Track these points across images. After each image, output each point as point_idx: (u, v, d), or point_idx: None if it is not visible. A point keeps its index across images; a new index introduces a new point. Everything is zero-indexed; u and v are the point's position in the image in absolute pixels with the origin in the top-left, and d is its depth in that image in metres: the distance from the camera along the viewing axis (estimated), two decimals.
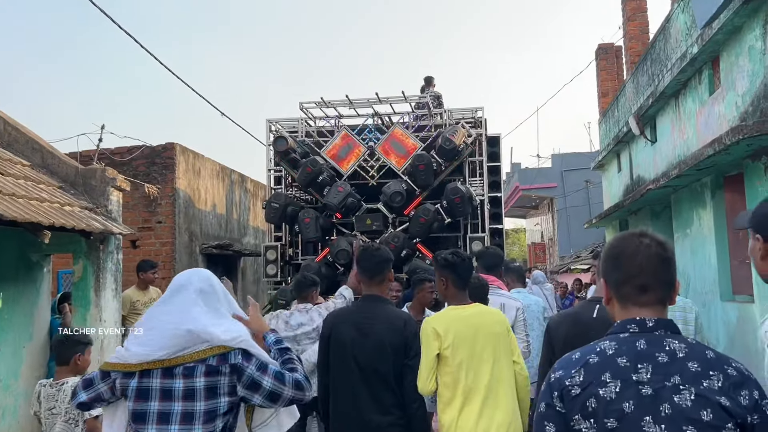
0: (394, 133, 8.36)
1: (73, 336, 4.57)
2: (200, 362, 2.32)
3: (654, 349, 1.61)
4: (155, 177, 9.85)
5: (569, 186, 23.49)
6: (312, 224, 8.01)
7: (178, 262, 9.82)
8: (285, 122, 9.26)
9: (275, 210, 8.22)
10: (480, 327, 3.39)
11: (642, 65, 9.52)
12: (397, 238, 7.94)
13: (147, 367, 2.34)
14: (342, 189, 8.01)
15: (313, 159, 8.20)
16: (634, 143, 10.27)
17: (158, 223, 9.78)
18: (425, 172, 8.02)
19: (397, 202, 8.02)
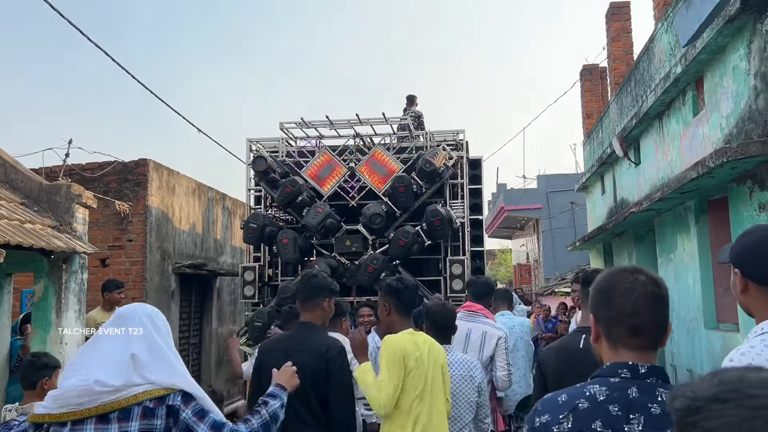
0: (375, 154, 8.31)
1: (40, 359, 4.42)
2: (137, 405, 2.20)
3: (646, 398, 1.53)
4: (127, 194, 9.55)
5: (555, 207, 23.37)
6: (290, 245, 7.89)
7: (149, 282, 9.51)
8: (266, 141, 9.16)
9: (253, 230, 8.11)
10: (432, 357, 3.40)
11: (626, 86, 9.39)
12: (376, 260, 7.85)
13: (74, 417, 2.20)
14: (321, 210, 7.93)
15: (293, 179, 8.12)
16: (618, 165, 10.12)
17: (129, 241, 9.47)
18: (405, 194, 7.98)
19: (377, 223, 7.95)
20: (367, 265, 7.88)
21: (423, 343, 3.44)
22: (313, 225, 7.92)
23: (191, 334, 11.28)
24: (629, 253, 9.62)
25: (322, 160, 8.41)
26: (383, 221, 8.01)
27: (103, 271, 9.39)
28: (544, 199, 23.65)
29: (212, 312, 11.88)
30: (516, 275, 27.80)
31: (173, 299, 10.35)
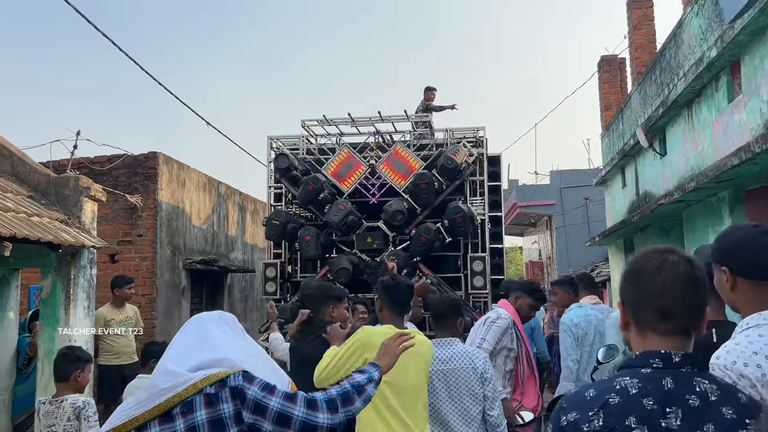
0: (396, 151, 8.31)
1: (74, 352, 4.49)
2: (197, 394, 2.04)
3: (683, 390, 1.45)
4: (136, 188, 9.32)
5: (568, 203, 23.03)
6: (312, 242, 7.90)
7: (159, 278, 9.27)
8: (286, 139, 9.13)
9: (275, 227, 8.09)
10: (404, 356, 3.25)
11: (650, 75, 9.08)
12: (397, 256, 7.71)
13: (137, 423, 2.07)
14: (343, 207, 7.94)
15: (315, 176, 8.13)
16: (641, 157, 9.81)
17: (139, 236, 9.24)
18: (427, 191, 7.99)
19: (399, 220, 7.95)
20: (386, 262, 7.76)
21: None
22: (335, 222, 7.90)
23: None
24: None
25: (343, 158, 8.40)
26: (404, 218, 8.01)
27: (113, 267, 9.16)
28: (558, 195, 23.31)
29: (223, 309, 11.62)
30: (528, 273, 27.47)
31: (184, 296, 10.11)
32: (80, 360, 4.30)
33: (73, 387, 4.10)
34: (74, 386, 4.09)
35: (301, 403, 2.09)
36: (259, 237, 13.79)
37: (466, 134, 9.00)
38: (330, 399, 2.18)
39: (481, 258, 8.29)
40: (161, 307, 9.29)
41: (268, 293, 8.55)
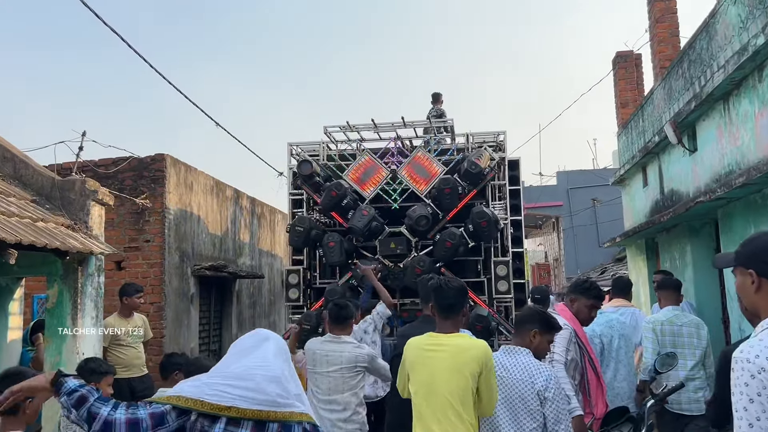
0: (417, 156, 8.31)
1: (88, 364, 4.39)
2: (298, 424, 2.19)
3: None
4: (143, 191, 8.93)
5: (575, 204, 22.69)
6: (337, 248, 7.88)
7: (167, 285, 8.89)
8: (305, 145, 9.11)
9: (300, 233, 8.06)
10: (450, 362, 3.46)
11: (676, 69, 8.73)
12: (423, 261, 7.83)
13: (237, 415, 2.12)
14: (366, 213, 7.95)
15: (338, 183, 8.14)
16: (666, 154, 9.45)
17: (146, 242, 8.85)
18: (451, 196, 7.99)
19: (423, 225, 7.93)
20: (413, 267, 7.81)
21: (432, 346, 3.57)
22: (359, 227, 7.86)
23: (211, 340, 10.66)
24: (682, 248, 8.95)
25: (364, 163, 8.39)
26: (429, 223, 7.99)
27: (119, 274, 8.79)
28: (565, 196, 22.97)
29: (232, 317, 11.26)
30: (534, 275, 27.11)
31: (192, 304, 9.73)
32: (94, 372, 4.14)
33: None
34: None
35: None
36: (266, 241, 13.42)
37: (485, 138, 8.98)
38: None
39: (504, 262, 8.28)
40: (170, 315, 8.90)
41: (291, 300, 8.42)
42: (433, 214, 8.14)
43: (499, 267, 8.23)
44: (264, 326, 13.10)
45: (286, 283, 8.50)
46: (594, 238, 22.93)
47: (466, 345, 3.53)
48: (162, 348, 8.62)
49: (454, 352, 3.50)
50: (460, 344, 3.54)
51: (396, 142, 8.83)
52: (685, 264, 8.99)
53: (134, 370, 7.29)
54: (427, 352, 3.56)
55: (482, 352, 3.47)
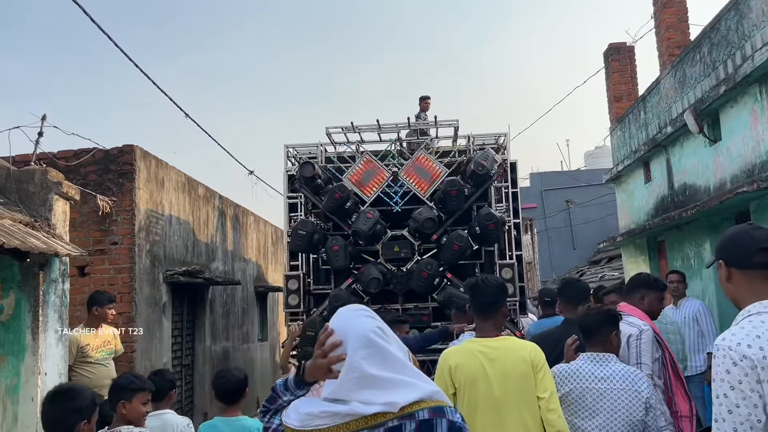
0: (419, 158, 8.19)
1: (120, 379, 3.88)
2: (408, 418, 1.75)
3: None
4: (110, 187, 7.92)
5: (549, 207, 22.25)
6: (341, 252, 7.66)
7: (138, 293, 7.88)
8: (302, 147, 8.96)
9: (302, 237, 7.75)
10: (498, 366, 3.22)
11: (692, 54, 8.18)
12: (430, 265, 7.65)
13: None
14: (371, 215, 7.76)
15: (341, 185, 7.97)
16: (678, 146, 8.88)
17: (113, 244, 7.83)
18: (457, 198, 7.86)
19: (429, 228, 7.78)
20: (420, 271, 7.64)
21: (487, 351, 3.26)
22: (363, 231, 7.64)
23: (183, 353, 9.65)
24: (698, 245, 8.37)
25: (364, 165, 8.23)
26: (435, 226, 7.84)
27: (82, 281, 7.76)
28: (539, 198, 22.51)
29: (205, 327, 10.27)
30: None
31: (165, 314, 8.73)
32: (124, 389, 3.54)
33: (121, 418, 3.43)
34: (121, 418, 3.41)
35: None
36: (239, 245, 12.45)
37: (485, 140, 8.93)
38: None
39: (510, 265, 8.21)
40: (141, 327, 7.90)
41: (291, 306, 8.15)
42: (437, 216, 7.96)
43: (505, 270, 8.10)
44: (238, 337, 12.13)
45: (285, 289, 8.16)
46: (568, 241, 22.56)
47: (516, 347, 3.31)
48: (133, 364, 7.61)
49: (509, 356, 3.24)
50: (510, 347, 3.31)
51: (395, 145, 8.70)
52: (702, 262, 8.40)
53: (104, 391, 6.26)
54: (480, 361, 3.24)
55: (536, 352, 3.27)
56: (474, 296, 3.43)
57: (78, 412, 2.84)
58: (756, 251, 2.11)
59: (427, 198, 8.11)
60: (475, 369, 3.22)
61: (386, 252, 7.97)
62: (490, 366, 3.21)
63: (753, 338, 1.96)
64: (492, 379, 3.18)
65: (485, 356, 3.24)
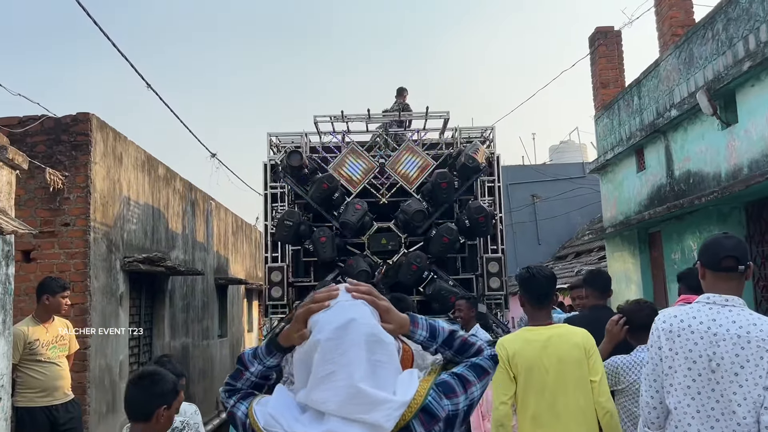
0: (406, 150, 8.16)
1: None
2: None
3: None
4: (60, 160, 6.94)
5: (514, 201, 21.80)
6: (328, 243, 7.51)
7: (92, 282, 6.93)
8: (285, 136, 8.77)
9: (289, 228, 7.58)
10: (553, 352, 3.32)
11: (701, 32, 7.68)
12: (419, 258, 7.62)
13: None
14: (360, 207, 7.68)
15: (329, 175, 7.84)
16: (681, 131, 8.37)
17: (65, 225, 6.86)
18: (447, 191, 7.80)
19: (419, 220, 7.75)
20: (410, 264, 7.55)
21: (543, 340, 3.37)
22: (352, 222, 7.55)
23: (141, 350, 8.70)
24: (704, 236, 7.88)
25: (350, 156, 8.14)
26: (425, 218, 7.78)
27: (27, 267, 6.78)
28: (504, 192, 22.00)
29: (165, 321, 9.31)
30: None
31: (122, 306, 7.78)
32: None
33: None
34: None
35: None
36: (200, 233, 11.49)
37: (471, 134, 8.87)
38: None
39: (497, 259, 8.27)
40: (96, 320, 6.95)
41: (274, 298, 7.94)
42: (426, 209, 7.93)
43: (491, 264, 8.13)
44: (198, 332, 11.18)
45: (268, 281, 7.97)
46: (533, 236, 22.18)
47: (569, 334, 3.44)
48: (86, 362, 6.67)
49: (564, 344, 3.37)
50: (563, 334, 3.44)
51: (383, 135, 8.59)
52: None
53: (56, 394, 5.37)
54: (536, 348, 3.35)
55: (588, 339, 3.42)
56: (529, 287, 3.46)
57: (159, 396, 2.74)
58: (723, 257, 2.67)
59: (414, 190, 8.02)
60: (531, 356, 3.32)
61: (374, 244, 7.91)
62: (545, 353, 3.32)
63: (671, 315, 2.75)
64: (548, 366, 3.30)
65: (540, 344, 3.35)
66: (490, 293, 8.02)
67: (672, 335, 2.67)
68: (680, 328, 2.65)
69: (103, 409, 7.11)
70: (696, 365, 2.58)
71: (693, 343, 2.61)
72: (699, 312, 2.66)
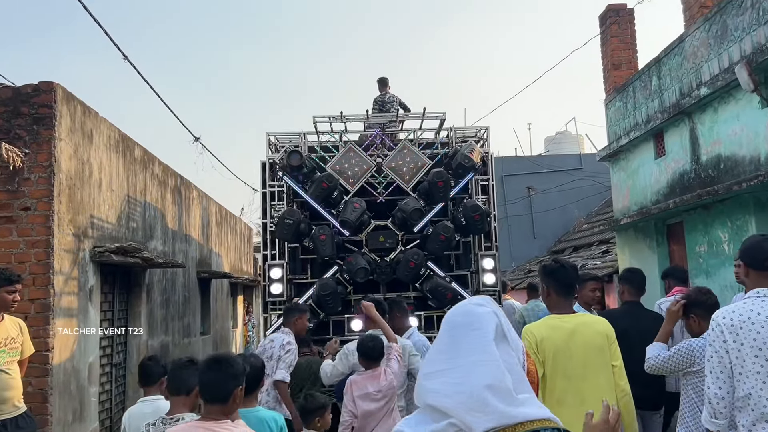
0: (402, 149, 8.28)
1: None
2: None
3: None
4: (20, 135, 6.08)
5: (509, 193, 21.10)
6: (328, 241, 7.59)
7: (56, 274, 6.08)
8: (284, 135, 8.78)
9: (289, 226, 7.64)
10: (578, 339, 3.48)
11: (737, 1, 6.96)
12: (417, 255, 7.70)
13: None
14: (358, 205, 7.82)
15: (329, 174, 7.95)
16: (709, 112, 7.66)
17: (24, 209, 6.01)
18: (443, 189, 7.88)
19: (417, 218, 7.84)
20: (407, 261, 7.65)
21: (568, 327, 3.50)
22: (351, 221, 7.68)
23: (114, 350, 7.86)
24: (738, 226, 7.18)
25: (348, 155, 8.24)
26: (422, 216, 7.90)
27: None
28: (499, 184, 21.28)
29: (141, 318, 8.47)
30: None
31: (91, 301, 6.93)
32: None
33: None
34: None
35: None
36: (181, 223, 10.64)
37: (465, 133, 8.94)
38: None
39: (491, 255, 8.29)
40: (60, 318, 6.10)
41: (274, 295, 7.87)
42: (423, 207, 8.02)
43: (486, 260, 8.16)
44: (178, 330, 10.34)
45: (267, 278, 7.94)
46: (528, 229, 21.49)
47: (592, 322, 3.68)
48: (48, 366, 5.83)
49: (588, 331, 3.55)
50: (587, 322, 3.65)
51: (380, 134, 8.58)
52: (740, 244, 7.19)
53: (4, 407, 4.53)
54: (562, 335, 3.49)
55: (608, 327, 3.64)
56: (558, 277, 3.60)
57: (235, 378, 2.84)
58: (764, 259, 3.06)
59: (411, 189, 8.15)
60: (558, 342, 3.46)
61: (372, 242, 8.07)
62: (572, 340, 3.47)
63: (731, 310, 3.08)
64: (573, 351, 3.45)
65: (567, 331, 3.49)
66: (485, 289, 8.03)
67: (734, 328, 2.97)
68: (741, 321, 2.97)
69: (69, 418, 6.27)
70: (762, 352, 2.90)
71: (756, 332, 2.93)
72: (754, 305, 3.00)
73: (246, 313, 17.54)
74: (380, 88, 10.11)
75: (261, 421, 3.50)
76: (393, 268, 7.91)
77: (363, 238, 8.11)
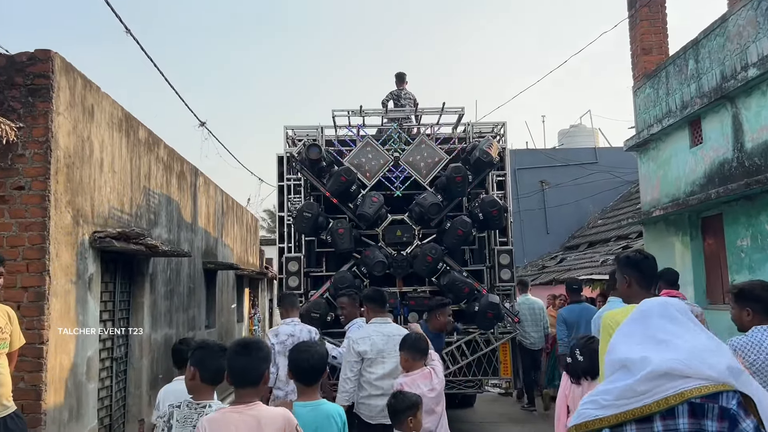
0: (420, 144, 8.35)
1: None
2: (682, 403, 1.84)
3: None
4: (13, 108, 5.58)
5: (522, 187, 20.57)
6: (346, 235, 7.70)
7: (53, 260, 5.57)
8: (301, 129, 8.91)
9: (308, 219, 7.74)
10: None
11: None
12: (435, 250, 7.75)
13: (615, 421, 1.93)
14: (376, 199, 7.93)
15: (347, 168, 8.00)
16: (756, 96, 7.14)
17: (18, 189, 5.50)
18: (461, 184, 7.92)
19: (434, 213, 7.89)
20: (425, 255, 7.71)
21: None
22: (369, 214, 7.78)
23: (115, 343, 7.36)
24: None
25: (365, 149, 8.33)
26: (440, 211, 7.94)
27: None
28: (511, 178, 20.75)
29: (144, 309, 7.98)
30: None
31: (91, 290, 6.43)
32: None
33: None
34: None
35: None
36: (187, 210, 10.14)
37: (481, 129, 8.98)
38: None
39: (508, 251, 8.35)
40: (55, 308, 5.60)
41: (291, 288, 7.88)
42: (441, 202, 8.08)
43: (502, 256, 8.23)
44: (183, 322, 9.85)
45: (285, 270, 8.05)
46: (542, 224, 20.97)
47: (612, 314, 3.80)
48: (43, 360, 5.34)
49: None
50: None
51: (398, 128, 8.62)
52: None
53: None
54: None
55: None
56: (641, 269, 3.58)
57: (266, 360, 2.92)
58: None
59: (428, 183, 8.20)
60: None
61: (388, 236, 8.10)
62: None
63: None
64: None
65: None
66: (501, 284, 8.21)
67: None
68: None
69: (65, 416, 5.77)
70: None
71: None
72: None
73: (251, 307, 17.05)
74: (397, 83, 10.21)
75: (327, 416, 3.40)
76: (410, 262, 7.93)
77: (380, 231, 8.20)
